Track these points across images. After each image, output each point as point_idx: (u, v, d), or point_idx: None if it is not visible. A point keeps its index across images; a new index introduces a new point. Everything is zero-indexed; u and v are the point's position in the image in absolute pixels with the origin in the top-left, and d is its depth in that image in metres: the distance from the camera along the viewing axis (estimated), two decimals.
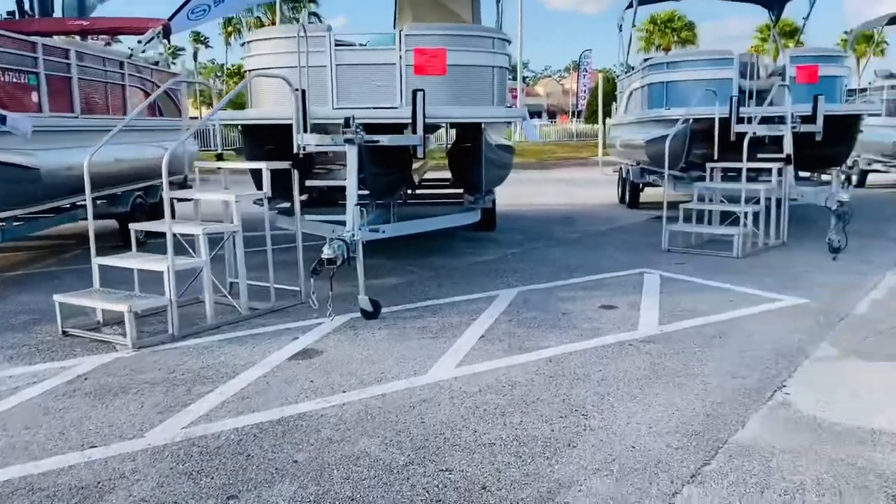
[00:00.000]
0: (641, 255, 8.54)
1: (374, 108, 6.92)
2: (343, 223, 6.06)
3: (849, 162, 17.05)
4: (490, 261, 8.31)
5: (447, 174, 10.58)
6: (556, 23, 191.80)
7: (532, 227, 11.11)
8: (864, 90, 16.26)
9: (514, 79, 31.51)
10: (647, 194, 13.02)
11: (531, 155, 28.90)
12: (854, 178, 16.58)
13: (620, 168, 14.51)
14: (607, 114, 17.68)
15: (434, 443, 3.46)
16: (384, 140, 6.52)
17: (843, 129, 9.85)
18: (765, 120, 9.37)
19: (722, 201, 9.24)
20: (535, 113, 71.82)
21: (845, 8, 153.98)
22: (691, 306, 6.05)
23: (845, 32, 17.92)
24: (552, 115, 76.39)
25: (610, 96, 18.84)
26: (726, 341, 5.07)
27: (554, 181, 21.04)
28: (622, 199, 14.08)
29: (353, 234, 5.61)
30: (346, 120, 6.06)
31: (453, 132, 11.20)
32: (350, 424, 3.68)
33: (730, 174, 9.61)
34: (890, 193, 15.18)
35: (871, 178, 16.77)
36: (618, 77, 15.55)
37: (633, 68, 13.34)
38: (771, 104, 9.65)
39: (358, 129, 6.02)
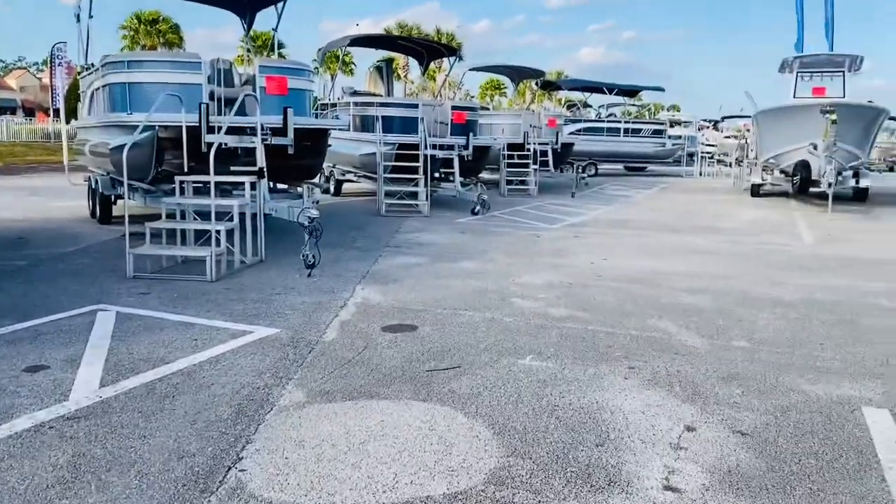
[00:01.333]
0: (101, 285, 7.16)
1: None
2: None
3: (325, 172, 18.15)
4: None
5: None
6: (28, 11, 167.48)
7: None
8: (334, 105, 17.40)
9: None
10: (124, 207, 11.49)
11: None
12: (332, 187, 17.69)
13: (90, 177, 12.61)
14: (73, 114, 15.42)
15: None
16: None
17: (314, 142, 10.01)
18: (237, 131, 8.87)
19: (196, 218, 8.42)
20: (6, 109, 62.10)
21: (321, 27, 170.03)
22: (147, 353, 5.02)
23: (318, 51, 18.78)
24: (30, 112, 66.66)
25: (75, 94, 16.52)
26: (179, 401, 4.17)
27: (15, 189, 17.67)
28: (93, 214, 12.25)
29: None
30: None
31: None
32: None
33: (208, 187, 8.86)
34: (362, 201, 16.52)
35: (346, 186, 18.12)
36: (79, 74, 13.51)
37: (93, 65, 11.63)
38: (244, 114, 9.21)
39: None
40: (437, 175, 16.14)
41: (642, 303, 6.86)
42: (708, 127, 50.43)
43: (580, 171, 23.23)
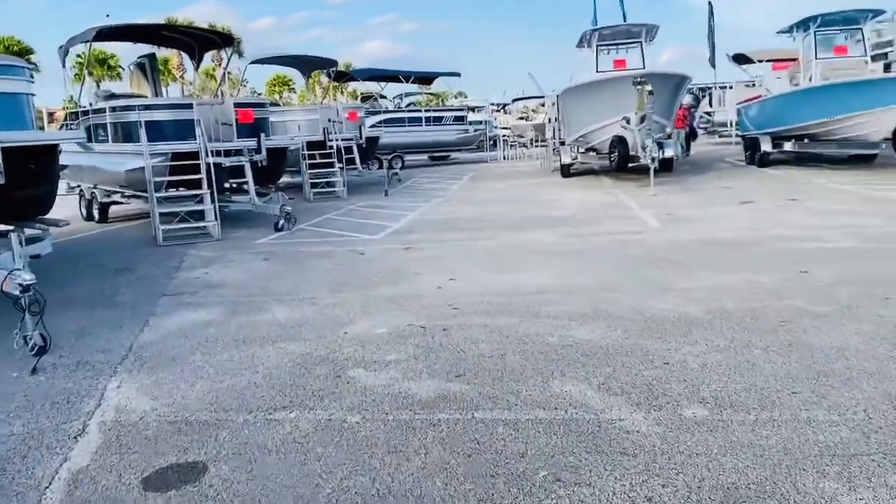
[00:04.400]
0: None
1: None
2: None
3: (86, 195, 14.74)
4: None
5: None
6: None
7: None
8: (86, 113, 13.98)
9: None
10: None
11: None
12: (95, 213, 14.34)
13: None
14: None
15: None
16: None
17: (39, 165, 7.15)
18: None
19: None
20: None
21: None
22: None
23: (59, 48, 15.06)
24: None
25: None
26: None
27: None
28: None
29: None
30: None
31: None
32: None
33: None
34: (135, 227, 13.39)
35: (115, 209, 14.77)
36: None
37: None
38: None
39: None
40: (226, 187, 13.45)
41: (530, 349, 5.03)
42: (498, 111, 50.98)
43: (390, 166, 21.40)
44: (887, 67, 17.47)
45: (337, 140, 17.32)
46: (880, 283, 6.28)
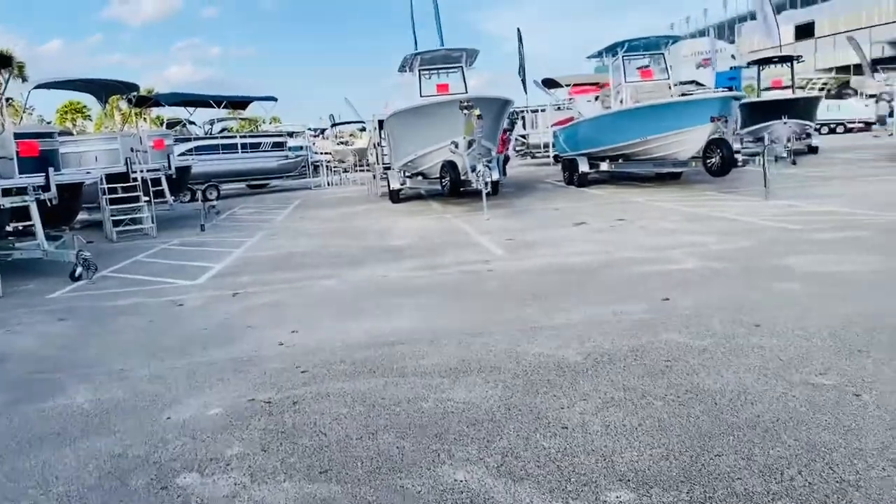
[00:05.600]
0: None
1: None
2: None
3: None
4: None
5: None
6: None
7: None
8: None
9: None
10: None
11: None
12: None
13: None
14: None
15: None
16: None
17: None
18: None
19: None
20: None
21: None
22: None
23: None
24: None
25: None
26: None
27: None
28: None
29: None
30: None
31: None
32: None
33: None
34: None
35: None
36: None
37: None
38: None
39: None
40: (8, 231, 11.43)
41: (404, 421, 4.21)
42: (316, 136, 49.91)
43: (205, 197, 19.68)
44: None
45: (142, 171, 15.51)
46: (742, 307, 6.17)
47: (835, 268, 7.46)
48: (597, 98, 22.23)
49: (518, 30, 37.74)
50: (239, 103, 30.83)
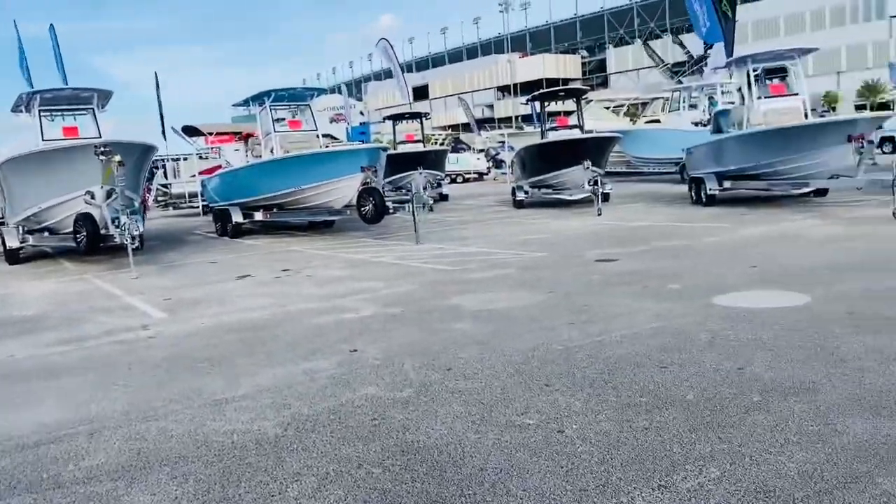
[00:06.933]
0: None
1: None
2: None
3: None
4: None
5: None
6: None
7: None
8: None
9: None
10: None
11: None
12: None
13: None
14: None
15: None
16: None
17: None
18: None
19: None
20: None
21: None
22: None
23: None
24: None
25: None
26: None
27: None
28: None
29: None
30: None
31: None
32: None
33: None
34: None
35: None
36: None
37: None
38: None
39: None
40: None
41: None
42: None
43: None
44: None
45: None
46: (428, 351, 6.23)
47: (496, 305, 8.02)
48: (246, 146, 21.72)
49: (155, 74, 35.56)
50: None
